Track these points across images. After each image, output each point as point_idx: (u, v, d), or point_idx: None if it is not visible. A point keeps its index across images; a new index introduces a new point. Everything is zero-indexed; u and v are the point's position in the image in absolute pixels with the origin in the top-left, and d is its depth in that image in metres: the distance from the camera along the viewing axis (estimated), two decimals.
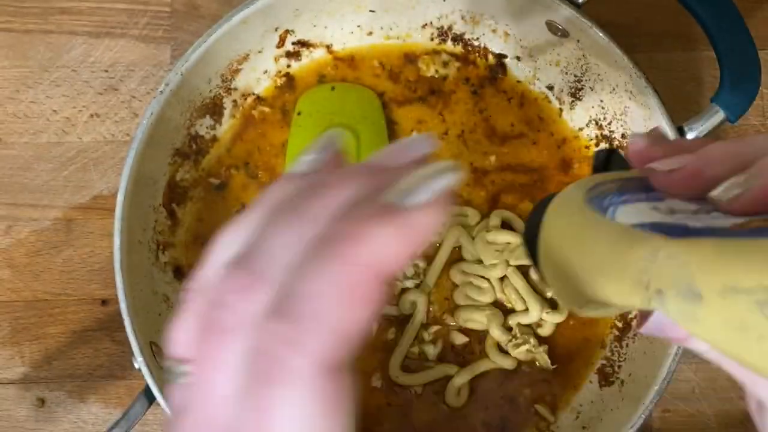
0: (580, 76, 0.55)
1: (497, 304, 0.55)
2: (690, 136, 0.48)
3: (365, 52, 0.58)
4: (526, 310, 0.54)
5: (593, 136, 0.57)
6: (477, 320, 0.54)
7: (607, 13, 0.59)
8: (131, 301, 0.48)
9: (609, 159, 0.33)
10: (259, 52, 0.56)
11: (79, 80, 0.59)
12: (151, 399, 0.48)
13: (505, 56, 0.58)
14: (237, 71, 0.56)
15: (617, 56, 0.50)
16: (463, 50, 0.58)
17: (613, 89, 0.53)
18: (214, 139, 0.57)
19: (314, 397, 0.20)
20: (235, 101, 0.57)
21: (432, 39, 0.58)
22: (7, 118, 0.59)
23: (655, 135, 0.26)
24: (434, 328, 0.55)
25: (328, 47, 0.58)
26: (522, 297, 0.54)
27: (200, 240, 0.56)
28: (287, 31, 0.56)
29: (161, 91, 0.50)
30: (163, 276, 0.55)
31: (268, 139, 0.57)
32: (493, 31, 0.57)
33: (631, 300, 0.24)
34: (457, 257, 0.55)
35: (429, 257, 0.56)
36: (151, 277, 0.53)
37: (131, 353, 0.48)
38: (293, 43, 0.57)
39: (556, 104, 0.57)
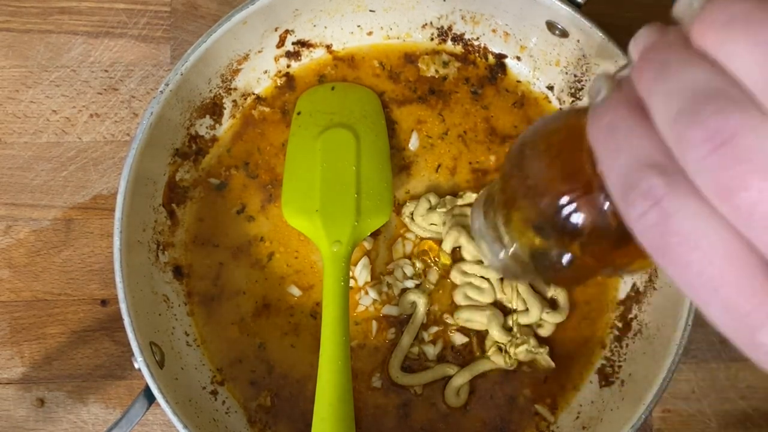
0: (580, 76, 0.55)
1: (497, 304, 0.55)
2: None
3: (365, 52, 0.58)
4: (526, 310, 0.54)
5: None
6: (477, 320, 0.54)
7: (607, 13, 0.59)
8: (131, 301, 0.48)
9: None
10: (259, 52, 0.56)
11: (79, 80, 0.59)
12: (151, 399, 0.48)
13: (505, 56, 0.58)
14: (237, 71, 0.56)
15: (617, 56, 0.50)
16: (463, 50, 0.58)
17: None
18: (214, 139, 0.57)
19: None
20: (235, 101, 0.57)
21: (432, 39, 0.58)
22: (6, 118, 0.59)
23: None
24: (434, 329, 0.55)
25: (328, 47, 0.58)
26: (522, 297, 0.54)
27: (200, 240, 0.56)
28: (287, 31, 0.56)
29: (161, 91, 0.50)
30: (163, 276, 0.55)
31: (268, 139, 0.57)
32: (493, 31, 0.57)
33: None
34: (457, 257, 0.55)
35: (429, 257, 0.56)
36: (151, 277, 0.53)
37: (131, 353, 0.48)
38: (293, 43, 0.57)
39: (556, 104, 0.57)
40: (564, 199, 0.29)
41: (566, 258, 0.31)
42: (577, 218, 0.29)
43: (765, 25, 0.19)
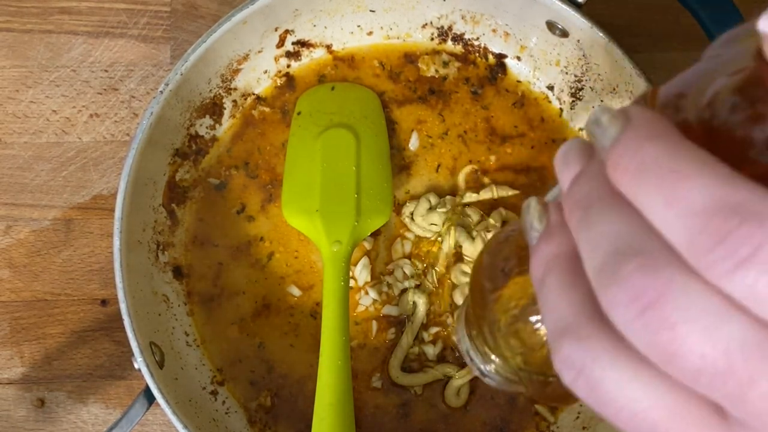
0: (580, 76, 0.55)
1: None
2: None
3: (365, 52, 0.58)
4: None
5: None
6: None
7: (607, 13, 0.59)
8: (131, 301, 0.48)
9: None
10: (259, 52, 0.56)
11: (79, 80, 0.59)
12: (151, 399, 0.48)
13: (505, 56, 0.58)
14: (237, 71, 0.56)
15: (617, 56, 0.50)
16: (463, 50, 0.58)
17: (614, 89, 0.53)
18: (214, 139, 0.57)
19: None
20: (235, 101, 0.57)
21: (432, 39, 0.58)
22: (6, 118, 0.59)
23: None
24: (434, 329, 0.55)
25: (328, 47, 0.58)
26: None
27: (200, 240, 0.56)
28: (287, 31, 0.56)
29: (161, 91, 0.50)
30: (163, 276, 0.55)
31: (268, 139, 0.57)
32: (493, 31, 0.57)
33: None
34: (457, 257, 0.55)
35: (429, 257, 0.56)
36: (151, 277, 0.53)
37: (131, 353, 0.48)
38: (293, 43, 0.57)
39: (556, 104, 0.57)
40: (534, 326, 0.27)
41: (550, 380, 0.29)
42: (540, 341, 0.27)
43: (677, 177, 0.18)
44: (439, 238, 0.55)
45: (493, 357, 0.32)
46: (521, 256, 0.27)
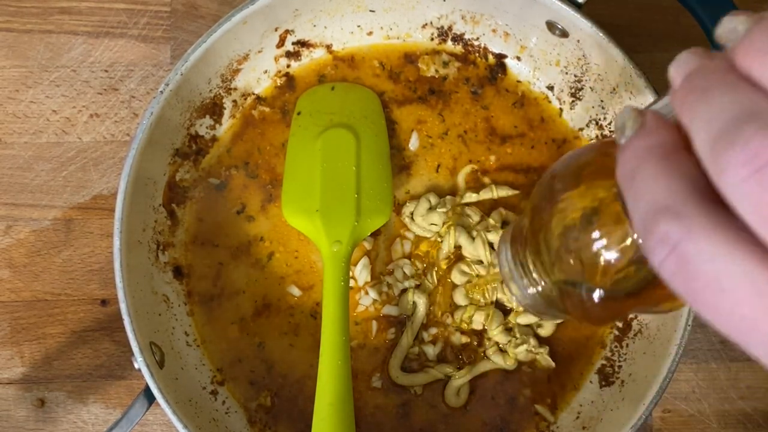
0: (580, 76, 0.55)
1: (497, 304, 0.55)
2: None
3: (365, 52, 0.58)
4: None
5: (593, 136, 0.57)
6: (477, 320, 0.54)
7: (607, 13, 0.59)
8: (131, 301, 0.48)
9: None
10: (259, 52, 0.56)
11: (79, 80, 0.59)
12: (151, 399, 0.48)
13: (505, 56, 0.58)
14: (237, 71, 0.56)
15: (617, 56, 0.50)
16: (463, 50, 0.58)
17: (613, 89, 0.53)
18: (214, 139, 0.57)
19: None
20: (235, 101, 0.57)
21: (432, 39, 0.58)
22: (6, 118, 0.59)
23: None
24: (434, 329, 0.55)
25: (328, 47, 0.58)
26: None
27: (200, 240, 0.56)
28: (287, 31, 0.56)
29: (161, 91, 0.50)
30: (163, 276, 0.55)
31: (268, 139, 0.57)
32: (493, 31, 0.57)
33: None
34: (457, 257, 0.55)
35: (429, 257, 0.56)
36: (151, 277, 0.53)
37: (131, 353, 0.48)
38: (293, 43, 0.57)
39: (556, 104, 0.57)
40: (595, 234, 0.28)
41: (596, 295, 0.30)
42: (608, 253, 0.28)
43: None
44: (439, 238, 0.55)
45: (535, 277, 0.33)
46: (601, 165, 0.28)
